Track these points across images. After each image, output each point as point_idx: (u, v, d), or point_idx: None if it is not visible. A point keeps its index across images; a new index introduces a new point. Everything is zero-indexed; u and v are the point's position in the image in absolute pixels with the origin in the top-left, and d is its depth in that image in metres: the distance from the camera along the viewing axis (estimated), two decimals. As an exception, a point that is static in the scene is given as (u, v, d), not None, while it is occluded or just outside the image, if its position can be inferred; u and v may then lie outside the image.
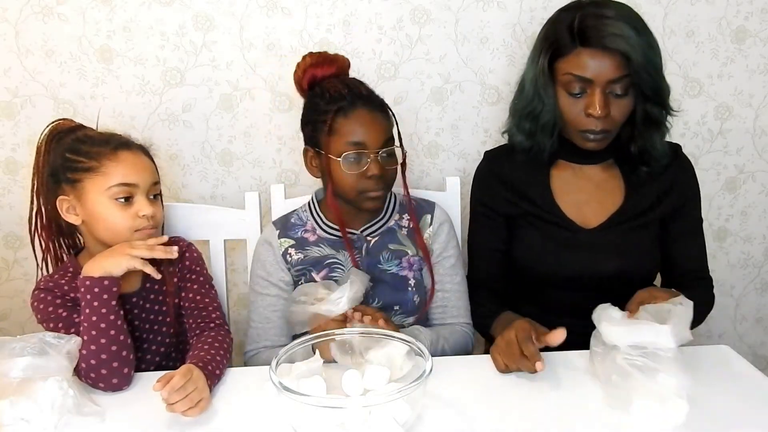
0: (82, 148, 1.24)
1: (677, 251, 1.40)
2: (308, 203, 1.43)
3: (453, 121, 1.80)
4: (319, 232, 1.39)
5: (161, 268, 1.31)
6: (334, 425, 0.97)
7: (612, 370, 1.05)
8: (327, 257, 1.37)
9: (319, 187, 1.42)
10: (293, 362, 1.09)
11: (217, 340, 1.24)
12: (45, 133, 1.29)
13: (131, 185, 1.23)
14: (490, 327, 1.36)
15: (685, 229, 1.41)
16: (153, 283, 1.32)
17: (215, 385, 1.15)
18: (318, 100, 1.31)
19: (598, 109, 1.23)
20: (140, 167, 1.25)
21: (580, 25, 1.22)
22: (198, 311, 1.31)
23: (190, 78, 1.72)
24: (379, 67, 1.74)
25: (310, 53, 1.36)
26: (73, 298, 1.20)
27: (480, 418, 1.05)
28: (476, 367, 1.23)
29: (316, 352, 1.13)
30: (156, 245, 1.22)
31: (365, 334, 1.14)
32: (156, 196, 1.29)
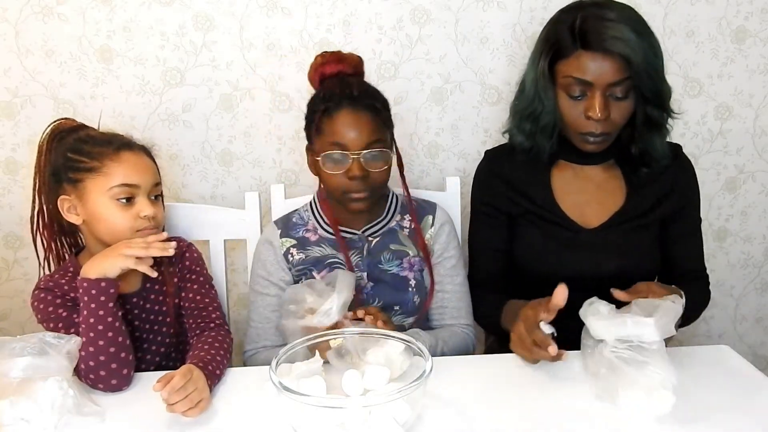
0: (84, 147, 1.24)
1: (677, 251, 1.41)
2: (310, 203, 1.43)
3: (453, 121, 1.80)
4: (321, 232, 1.39)
5: (161, 268, 1.31)
6: (334, 425, 0.97)
7: (600, 363, 1.06)
8: (328, 257, 1.37)
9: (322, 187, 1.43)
10: (293, 362, 1.09)
11: (218, 340, 1.24)
12: (47, 133, 1.29)
13: (133, 186, 1.23)
14: (499, 320, 1.35)
15: (685, 230, 1.41)
16: (153, 284, 1.32)
17: (215, 386, 1.15)
18: (314, 99, 1.33)
19: (598, 112, 1.23)
20: (142, 168, 1.25)
21: (581, 27, 1.21)
22: (198, 311, 1.31)
23: (190, 78, 1.72)
24: (379, 67, 1.74)
25: (323, 52, 1.37)
26: (74, 298, 1.20)
27: (480, 418, 1.05)
28: (476, 367, 1.23)
29: (316, 353, 1.13)
30: (152, 242, 1.20)
31: (362, 335, 1.14)
32: (157, 196, 1.29)
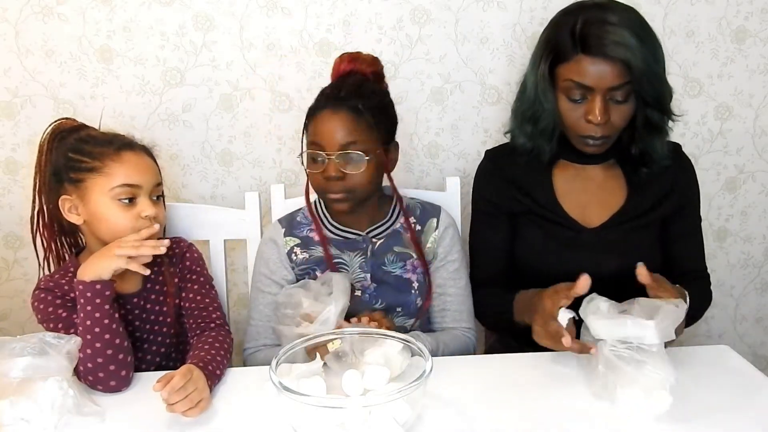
0: (85, 148, 1.24)
1: (677, 251, 1.41)
2: (314, 202, 1.43)
3: (453, 121, 1.80)
4: (325, 231, 1.39)
5: (162, 268, 1.31)
6: (334, 425, 0.97)
7: (599, 361, 1.06)
8: (331, 257, 1.37)
9: None
10: (293, 362, 1.09)
11: (218, 341, 1.24)
12: (47, 132, 1.28)
13: (134, 186, 1.22)
14: (512, 316, 1.32)
15: (685, 229, 1.41)
16: (153, 284, 1.32)
17: (215, 386, 1.15)
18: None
19: (598, 116, 1.22)
20: (143, 168, 1.25)
21: (581, 31, 1.20)
22: (198, 311, 1.31)
23: (190, 78, 1.72)
24: (379, 67, 1.74)
25: (343, 53, 1.37)
26: (74, 298, 1.20)
27: (480, 418, 1.05)
28: (476, 367, 1.23)
29: (316, 356, 1.13)
30: (143, 242, 1.18)
31: (361, 335, 1.14)
32: (159, 197, 1.29)
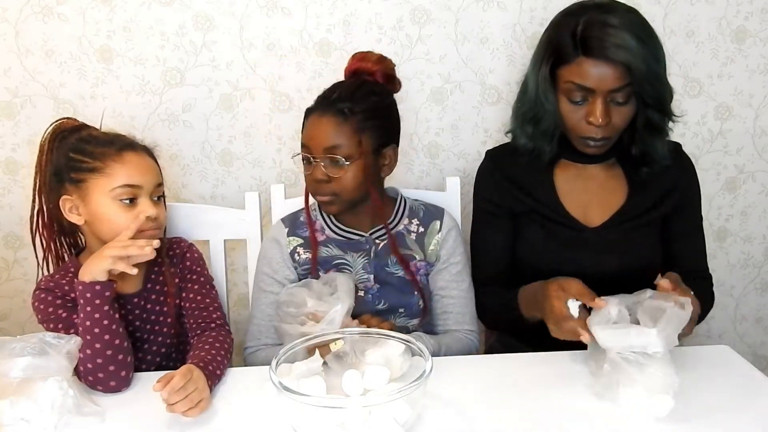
0: (86, 148, 1.23)
1: (678, 250, 1.41)
2: (316, 202, 1.42)
3: (453, 121, 1.80)
4: (328, 232, 1.39)
5: (162, 269, 1.31)
6: (334, 425, 0.97)
7: (603, 361, 1.07)
8: (335, 258, 1.37)
9: None
10: (293, 362, 1.09)
11: (218, 341, 1.24)
12: (48, 132, 1.28)
13: (135, 187, 1.22)
14: (515, 313, 1.32)
15: (686, 228, 1.41)
16: (154, 284, 1.32)
17: (215, 386, 1.15)
18: None
19: (599, 118, 1.23)
20: (144, 169, 1.25)
21: (583, 33, 1.20)
22: (199, 311, 1.31)
23: (190, 78, 1.72)
24: (379, 67, 1.74)
25: (357, 52, 1.38)
26: (74, 298, 1.20)
27: (480, 418, 1.05)
28: (476, 367, 1.23)
29: (316, 352, 1.13)
30: (132, 241, 1.17)
31: (362, 335, 1.14)
32: (160, 197, 1.29)
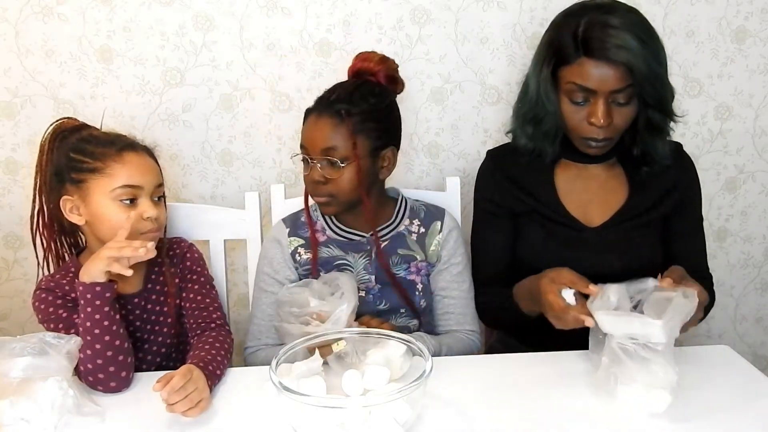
0: (87, 148, 1.23)
1: (678, 250, 1.41)
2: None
3: (453, 121, 1.80)
4: (329, 233, 1.39)
5: (163, 269, 1.31)
6: (334, 425, 0.97)
7: (604, 352, 1.07)
8: (336, 258, 1.37)
9: None
10: (293, 362, 1.09)
11: (218, 341, 1.24)
12: (49, 132, 1.28)
13: (136, 187, 1.22)
14: (514, 311, 1.33)
15: (687, 228, 1.41)
16: (154, 284, 1.32)
17: (215, 386, 1.15)
18: None
19: (600, 119, 1.23)
20: (145, 169, 1.25)
21: (584, 34, 1.20)
22: (199, 311, 1.31)
23: (190, 78, 1.72)
24: (379, 67, 1.74)
25: (361, 52, 1.37)
26: (74, 298, 1.20)
27: (480, 418, 1.05)
28: (476, 367, 1.23)
29: (316, 352, 1.13)
30: (128, 242, 1.16)
31: (363, 335, 1.14)
32: (160, 197, 1.29)
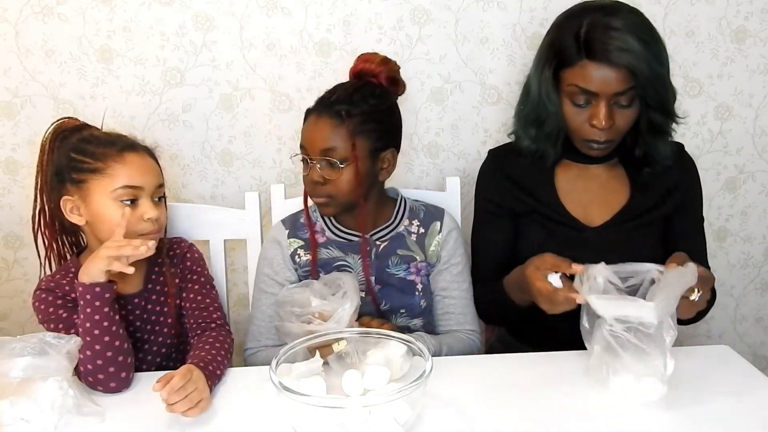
0: (87, 148, 1.23)
1: (679, 250, 1.40)
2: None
3: (453, 121, 1.80)
4: (328, 234, 1.39)
5: (163, 269, 1.31)
6: (334, 425, 0.97)
7: (596, 340, 1.07)
8: (336, 259, 1.37)
9: None
10: (293, 362, 1.09)
11: (218, 341, 1.24)
12: (49, 132, 1.28)
13: (136, 188, 1.22)
14: (506, 305, 1.33)
15: (688, 228, 1.41)
16: (154, 284, 1.32)
17: (215, 386, 1.15)
18: None
19: (602, 121, 1.23)
20: (146, 169, 1.25)
21: (586, 36, 1.20)
22: (199, 311, 1.31)
23: (190, 78, 1.72)
24: (379, 67, 1.74)
25: (363, 53, 1.37)
26: (74, 298, 1.20)
27: (480, 418, 1.05)
28: (476, 367, 1.23)
29: (316, 353, 1.13)
30: (128, 241, 1.15)
31: (363, 335, 1.14)
32: (160, 198, 1.28)
